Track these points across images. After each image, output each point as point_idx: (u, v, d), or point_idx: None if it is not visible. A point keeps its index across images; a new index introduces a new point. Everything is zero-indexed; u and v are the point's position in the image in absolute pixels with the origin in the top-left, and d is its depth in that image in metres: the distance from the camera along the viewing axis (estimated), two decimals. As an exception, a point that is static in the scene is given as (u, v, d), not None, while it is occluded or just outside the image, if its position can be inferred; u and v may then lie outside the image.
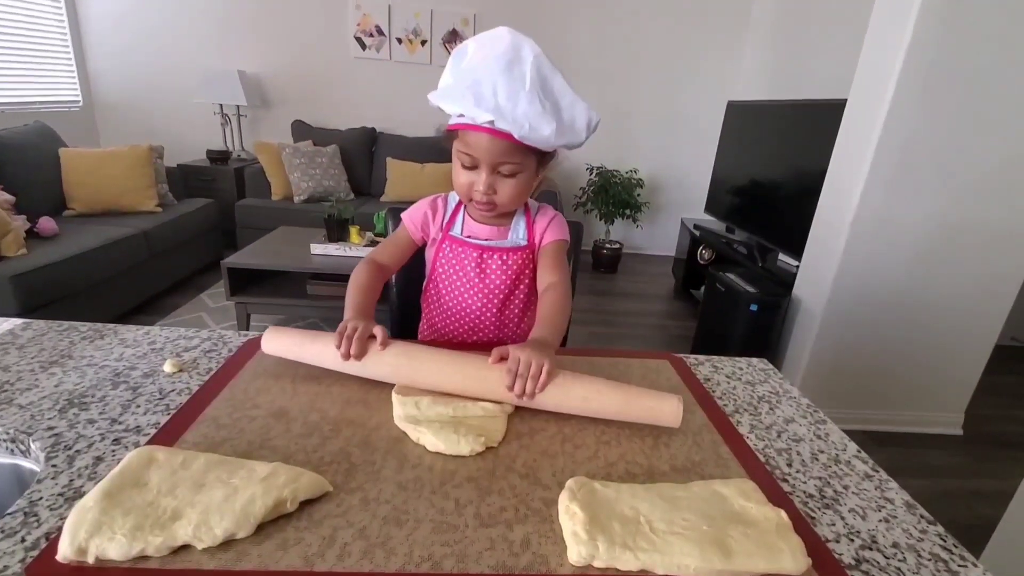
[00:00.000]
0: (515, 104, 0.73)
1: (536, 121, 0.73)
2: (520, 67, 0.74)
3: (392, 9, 3.77)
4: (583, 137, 0.79)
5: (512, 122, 0.73)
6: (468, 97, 0.72)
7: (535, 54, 0.75)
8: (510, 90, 0.73)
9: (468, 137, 0.78)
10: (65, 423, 0.63)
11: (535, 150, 0.80)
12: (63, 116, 3.52)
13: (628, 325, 3.14)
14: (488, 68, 0.73)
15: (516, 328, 0.96)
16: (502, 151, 0.78)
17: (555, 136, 0.75)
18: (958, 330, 2.11)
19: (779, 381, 0.85)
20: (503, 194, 0.83)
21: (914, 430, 2.23)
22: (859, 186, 1.92)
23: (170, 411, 0.66)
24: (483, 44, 0.76)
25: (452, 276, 0.92)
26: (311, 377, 0.75)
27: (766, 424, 0.73)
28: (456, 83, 0.75)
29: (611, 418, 0.69)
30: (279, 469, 0.53)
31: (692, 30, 3.92)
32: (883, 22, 1.87)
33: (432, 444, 0.61)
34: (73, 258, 2.26)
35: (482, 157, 0.79)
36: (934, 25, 1.71)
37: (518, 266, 0.92)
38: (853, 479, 0.63)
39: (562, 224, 0.95)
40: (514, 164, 0.80)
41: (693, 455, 0.64)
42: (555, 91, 0.77)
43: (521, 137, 0.74)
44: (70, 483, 0.54)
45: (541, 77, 0.75)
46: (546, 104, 0.74)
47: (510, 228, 0.93)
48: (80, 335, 0.85)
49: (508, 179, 0.82)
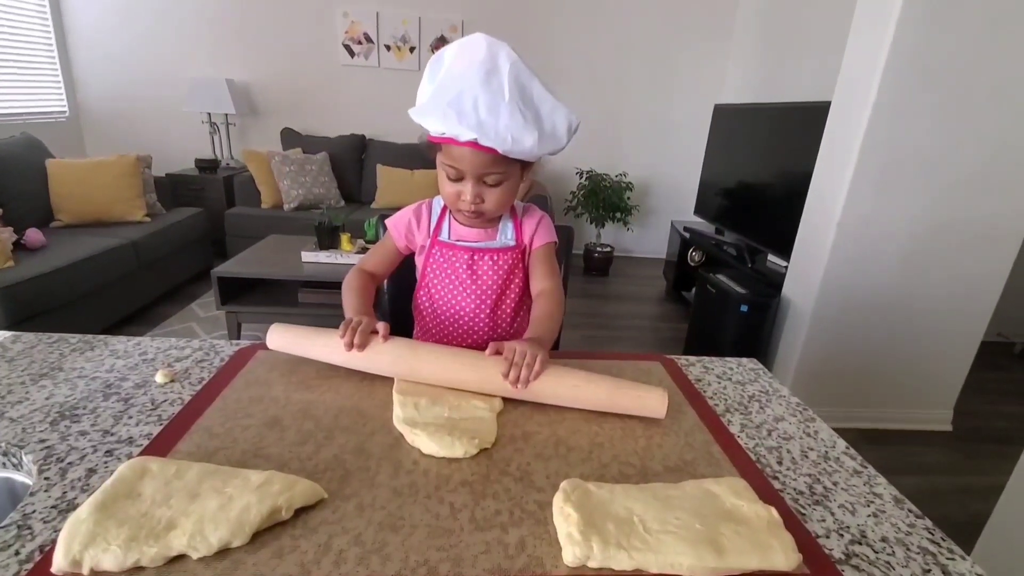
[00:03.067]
0: (496, 118, 0.73)
1: (518, 133, 0.74)
2: (498, 77, 0.74)
3: (380, 16, 3.78)
4: (564, 142, 0.80)
5: (495, 137, 0.73)
6: (450, 115, 0.73)
7: (511, 62, 0.75)
8: (491, 103, 0.73)
9: (452, 151, 0.78)
10: (57, 435, 0.63)
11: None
12: (49, 127, 3.49)
13: (620, 328, 3.15)
14: (467, 80, 0.73)
15: (509, 328, 0.97)
16: (486, 163, 0.79)
17: (538, 146, 0.76)
18: (945, 328, 2.13)
19: (769, 380, 0.87)
20: (490, 202, 0.84)
21: (904, 427, 2.25)
22: (844, 187, 1.95)
23: (162, 422, 0.66)
24: (460, 53, 0.76)
25: (444, 280, 0.93)
26: (304, 386, 0.75)
27: (756, 423, 0.74)
28: (436, 98, 0.75)
29: (600, 408, 0.72)
30: (274, 477, 0.53)
31: (678, 35, 3.96)
32: (865, 24, 1.89)
33: (427, 447, 0.62)
34: (61, 269, 2.24)
35: (467, 170, 0.80)
36: (915, 26, 1.73)
37: (508, 266, 0.93)
38: (842, 475, 0.64)
39: (550, 226, 0.97)
40: (499, 174, 0.81)
41: (685, 454, 0.65)
42: (534, 99, 0.77)
43: (505, 151, 0.75)
44: (63, 495, 0.53)
45: (520, 86, 0.75)
46: (527, 114, 0.75)
47: (498, 230, 0.94)
48: (70, 347, 0.85)
49: (494, 188, 0.83)
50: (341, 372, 0.79)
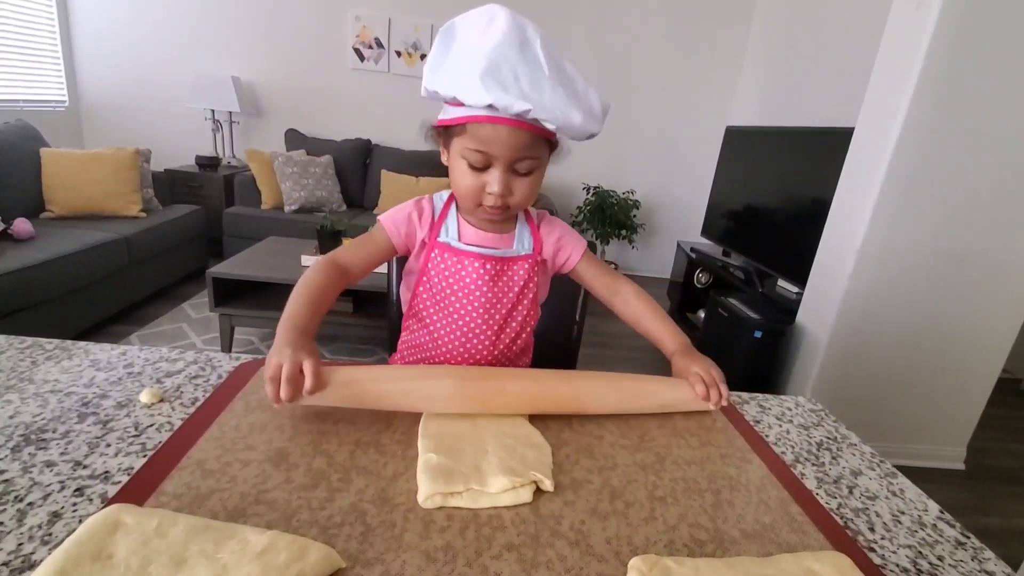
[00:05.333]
0: (540, 92, 0.63)
1: (565, 109, 0.64)
2: (532, 49, 0.65)
3: (392, 22, 3.72)
4: (602, 124, 0.70)
5: (546, 111, 0.63)
6: (491, 85, 0.61)
7: (540, 35, 0.66)
8: (532, 77, 0.63)
9: (481, 131, 0.67)
10: (18, 466, 0.52)
11: (549, 143, 0.72)
12: (47, 116, 3.39)
13: (624, 347, 3.06)
14: (499, 50, 0.63)
15: (511, 345, 0.85)
16: (524, 144, 0.68)
17: (584, 124, 0.66)
18: (962, 362, 2.06)
19: (833, 424, 0.77)
20: (519, 194, 0.73)
21: (918, 464, 2.17)
22: (867, 214, 1.88)
23: (147, 452, 0.56)
24: (476, 23, 0.66)
25: (448, 288, 0.81)
26: (313, 412, 0.65)
27: (833, 477, 0.65)
28: (463, 69, 0.63)
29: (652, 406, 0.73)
30: (278, 541, 0.42)
31: (689, 55, 3.92)
32: (893, 50, 1.84)
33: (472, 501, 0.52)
34: (48, 262, 2.12)
35: (500, 153, 0.68)
36: (945, 52, 1.68)
37: (528, 276, 0.82)
38: (946, 548, 0.55)
39: (575, 232, 0.89)
40: (534, 159, 0.71)
41: (762, 516, 0.55)
42: (569, 76, 0.68)
43: (556, 127, 0.65)
44: (18, 548, 0.43)
45: (554, 60, 0.66)
46: (567, 89, 0.66)
47: (514, 236, 0.83)
48: (45, 354, 0.74)
49: (524, 177, 0.72)
50: (355, 397, 0.69)
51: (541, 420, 0.68)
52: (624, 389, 0.73)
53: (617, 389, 0.72)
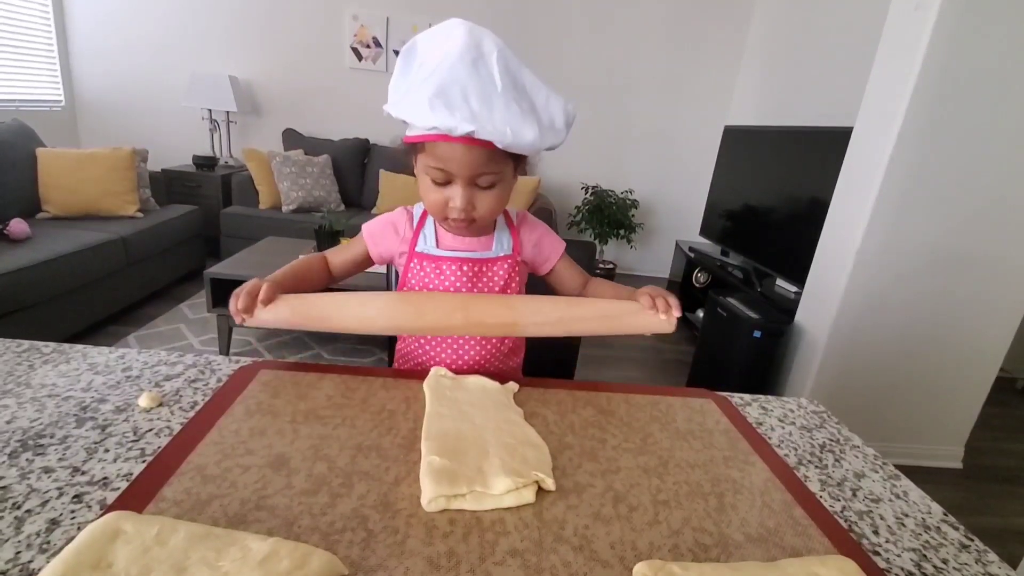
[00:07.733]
0: (491, 109, 0.63)
1: (517, 126, 0.64)
2: (486, 66, 0.65)
3: (390, 22, 3.71)
4: (564, 135, 0.71)
5: (493, 130, 0.63)
6: (438, 106, 0.62)
7: (498, 48, 0.66)
8: (482, 93, 0.63)
9: (438, 150, 0.68)
10: (16, 472, 0.52)
11: (511, 155, 0.71)
12: (43, 116, 3.37)
13: (622, 347, 3.06)
14: (452, 69, 0.63)
15: (500, 343, 0.86)
16: (480, 162, 0.69)
17: (539, 139, 0.66)
18: (960, 361, 2.07)
19: (836, 426, 0.77)
20: (483, 207, 0.74)
21: (916, 463, 2.18)
22: (865, 215, 1.88)
23: (146, 457, 0.55)
24: (435, 41, 0.66)
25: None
26: (315, 416, 0.64)
27: (836, 480, 0.64)
28: (415, 91, 0.64)
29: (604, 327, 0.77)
30: (280, 548, 0.42)
31: (688, 54, 3.92)
32: (892, 50, 1.84)
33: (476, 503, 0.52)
34: (45, 263, 2.11)
35: (458, 171, 0.69)
36: (945, 51, 1.68)
37: (508, 276, 0.83)
38: (950, 551, 0.55)
39: (554, 235, 0.91)
40: (493, 174, 0.71)
41: (766, 520, 0.55)
42: (528, 88, 0.68)
43: (505, 146, 0.65)
44: (16, 557, 0.42)
45: (510, 74, 0.66)
46: (523, 104, 0.66)
47: (493, 238, 0.84)
48: (42, 357, 0.74)
49: (487, 191, 0.73)
50: (355, 401, 0.68)
51: (543, 422, 0.68)
52: (560, 300, 0.78)
53: (554, 301, 0.77)
